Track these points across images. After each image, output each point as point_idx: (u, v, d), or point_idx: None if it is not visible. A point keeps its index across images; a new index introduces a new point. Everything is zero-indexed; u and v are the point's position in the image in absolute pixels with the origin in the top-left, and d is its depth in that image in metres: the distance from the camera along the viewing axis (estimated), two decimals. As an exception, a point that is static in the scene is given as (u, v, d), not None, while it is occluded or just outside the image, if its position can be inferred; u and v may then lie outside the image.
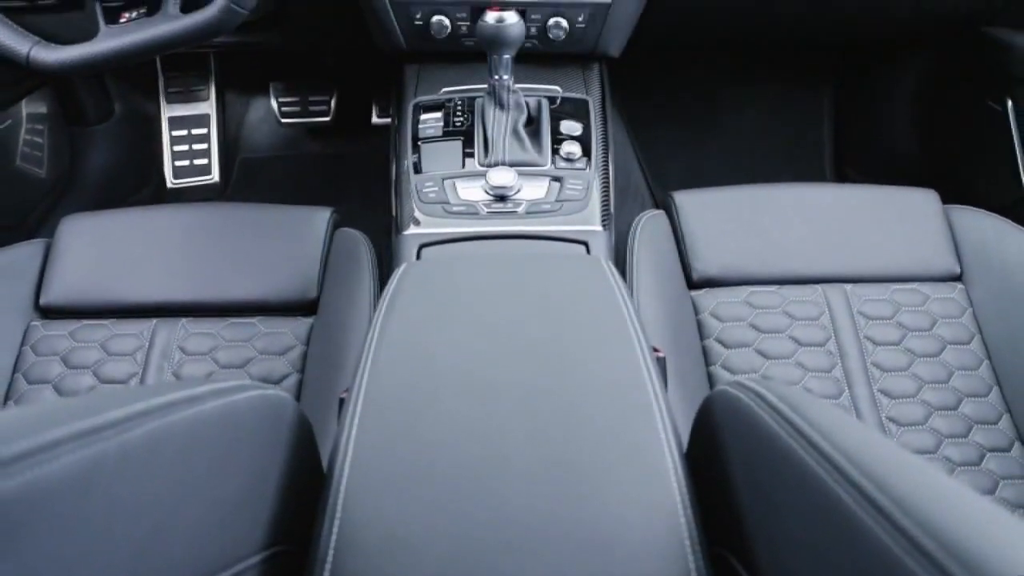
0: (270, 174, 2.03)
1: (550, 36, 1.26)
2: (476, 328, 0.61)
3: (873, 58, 1.86)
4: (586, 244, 1.08)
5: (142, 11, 1.00)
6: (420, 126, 1.23)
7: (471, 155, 1.18)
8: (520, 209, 1.11)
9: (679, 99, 2.00)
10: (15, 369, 1.04)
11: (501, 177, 1.10)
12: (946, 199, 1.20)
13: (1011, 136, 1.44)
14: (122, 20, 1.00)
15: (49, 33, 1.08)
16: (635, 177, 1.86)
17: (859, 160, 1.94)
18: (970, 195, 1.52)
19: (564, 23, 1.25)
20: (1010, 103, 1.44)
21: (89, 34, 1.10)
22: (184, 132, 1.97)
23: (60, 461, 0.35)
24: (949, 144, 1.68)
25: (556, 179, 1.14)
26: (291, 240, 1.14)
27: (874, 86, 1.88)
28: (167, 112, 1.97)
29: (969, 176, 1.61)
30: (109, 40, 0.98)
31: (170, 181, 1.97)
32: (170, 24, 0.96)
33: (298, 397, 1.01)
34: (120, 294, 1.10)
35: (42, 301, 1.10)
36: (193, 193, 1.97)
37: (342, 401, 0.58)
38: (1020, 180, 1.43)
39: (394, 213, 1.18)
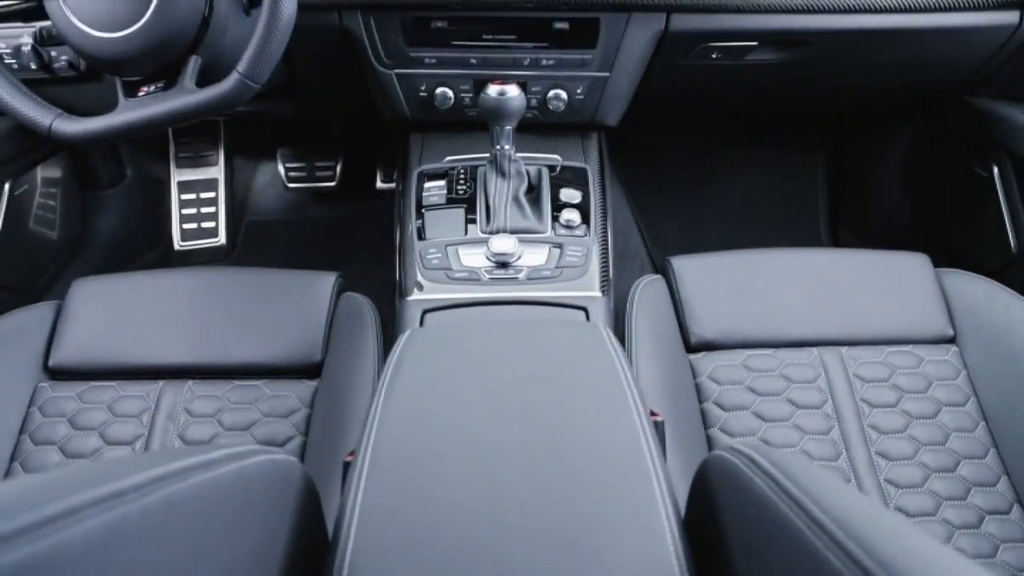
0: (276, 237, 2.07)
1: (550, 107, 1.31)
2: (479, 395, 0.63)
3: (864, 125, 1.91)
4: (586, 310, 1.11)
5: (160, 85, 1.03)
6: (424, 193, 1.27)
7: (473, 221, 1.22)
8: (521, 275, 1.14)
9: (677, 164, 2.05)
10: (22, 430, 1.05)
11: (502, 244, 1.13)
12: (938, 262, 1.22)
13: (998, 201, 1.48)
14: (140, 93, 1.03)
15: (68, 103, 1.13)
16: (634, 241, 1.90)
17: (854, 224, 1.98)
18: (962, 258, 1.55)
19: (563, 95, 1.30)
20: (995, 169, 1.48)
21: (106, 104, 1.14)
22: (193, 196, 2.01)
23: (84, 525, 0.36)
24: (940, 208, 1.72)
25: (556, 246, 1.18)
26: (297, 304, 1.16)
27: (866, 152, 1.94)
28: (177, 176, 2.02)
29: (960, 239, 1.65)
30: (128, 112, 1.01)
31: (177, 243, 2.00)
32: (186, 98, 1.00)
33: (301, 459, 1.02)
34: (128, 356, 1.12)
35: (51, 362, 1.11)
36: (200, 255, 2.01)
37: (346, 465, 0.60)
38: (1009, 244, 1.46)
39: (398, 278, 1.20)
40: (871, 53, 1.37)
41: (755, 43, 1.30)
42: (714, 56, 1.32)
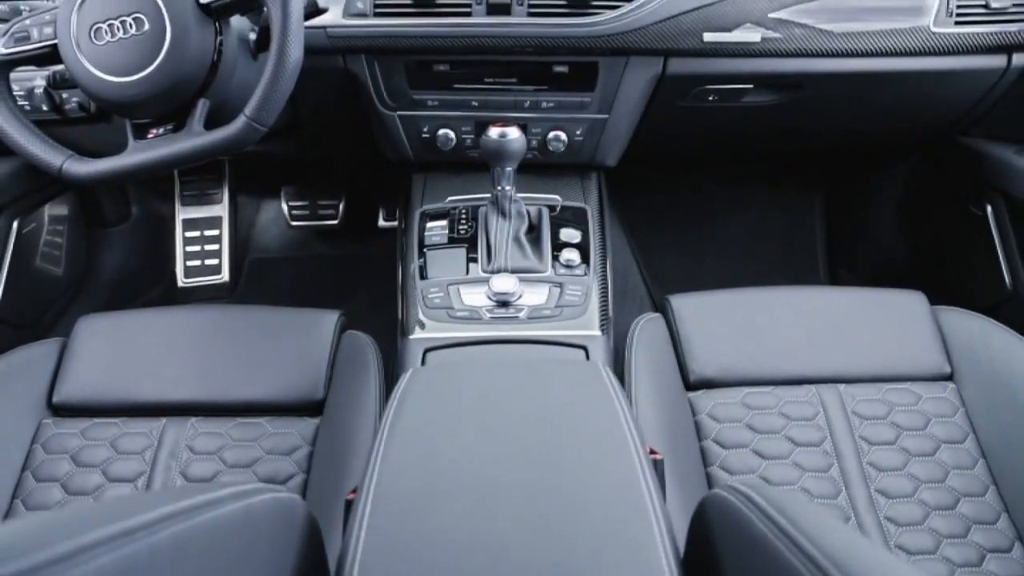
0: (278, 274, 2.09)
1: (550, 148, 1.34)
2: (480, 435, 0.64)
3: (860, 163, 1.94)
4: (585, 348, 1.12)
5: (169, 127, 1.06)
6: (426, 233, 1.30)
7: (475, 260, 1.24)
8: (522, 315, 1.15)
9: (676, 202, 2.08)
10: (24, 467, 1.06)
11: (503, 284, 1.15)
12: (935, 299, 1.23)
13: (993, 240, 1.50)
14: (150, 135, 1.05)
15: (77, 143, 1.15)
16: (633, 279, 1.92)
17: (851, 261, 2.00)
18: (958, 295, 1.57)
19: (563, 136, 1.33)
20: (989, 208, 1.50)
21: (114, 144, 1.16)
22: (197, 233, 2.04)
23: (95, 563, 0.37)
24: (936, 246, 1.74)
25: (556, 285, 1.19)
26: (299, 342, 1.17)
27: (862, 189, 1.96)
28: (181, 214, 2.05)
29: (957, 277, 1.66)
30: (138, 154, 1.03)
31: (181, 280, 2.02)
32: (194, 140, 1.02)
33: (303, 497, 1.02)
34: (131, 393, 1.13)
35: (55, 399, 1.12)
36: (203, 292, 2.02)
37: (348, 503, 0.61)
38: (1004, 282, 1.48)
39: (400, 317, 1.22)
40: (863, 95, 1.40)
41: (750, 86, 1.33)
42: (710, 98, 1.35)
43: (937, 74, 1.34)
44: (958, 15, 1.28)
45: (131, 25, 0.98)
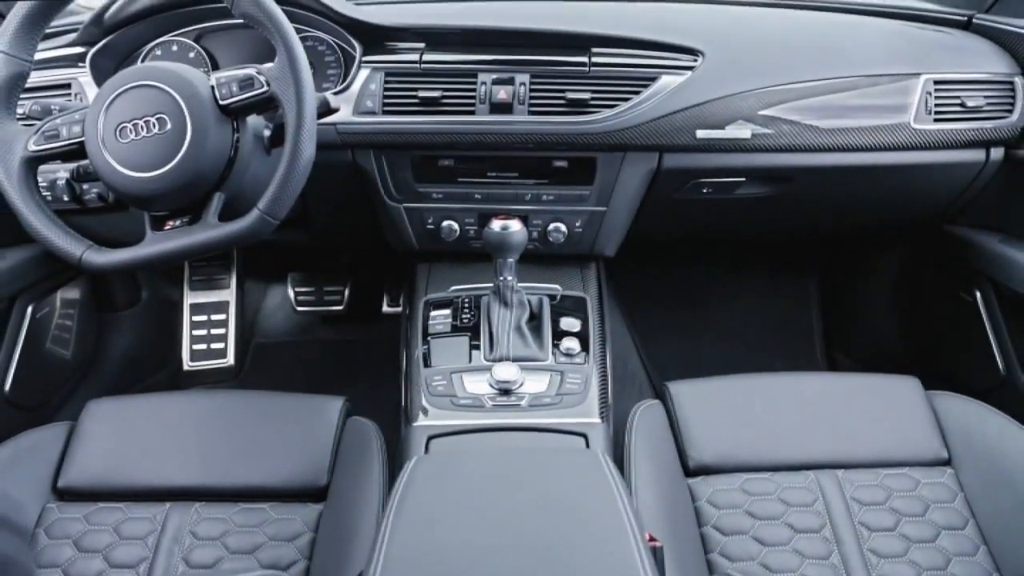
0: (283, 359, 2.11)
1: (550, 239, 1.39)
2: (482, 524, 0.65)
3: (852, 249, 1.99)
4: (585, 436, 1.14)
5: (185, 220, 1.09)
6: (430, 321, 1.33)
7: (477, 348, 1.27)
8: (523, 402, 1.17)
9: (673, 288, 2.12)
10: None
11: (505, 372, 1.18)
12: (931, 383, 1.25)
13: (984, 325, 1.53)
14: (167, 227, 1.09)
15: (94, 230, 1.19)
16: (633, 364, 1.94)
17: (847, 345, 2.02)
18: (954, 379, 1.59)
19: (563, 228, 1.38)
20: (978, 294, 1.54)
21: (129, 232, 1.20)
22: (204, 317, 2.07)
23: None
24: (930, 331, 1.77)
25: (557, 373, 1.22)
26: (303, 428, 1.19)
27: (856, 275, 2.00)
28: (189, 299, 2.08)
29: (951, 361, 1.69)
30: (155, 245, 1.07)
31: (187, 363, 2.04)
32: (210, 232, 1.05)
33: None
34: (136, 478, 1.13)
35: (60, 483, 1.13)
36: (208, 375, 2.04)
37: None
38: (997, 367, 1.50)
39: (404, 403, 1.24)
40: (851, 187, 1.45)
41: (742, 179, 1.39)
42: (705, 191, 1.41)
43: (920, 167, 1.40)
44: (936, 113, 1.35)
45: (154, 124, 1.03)
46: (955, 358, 1.67)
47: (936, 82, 1.35)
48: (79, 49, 1.38)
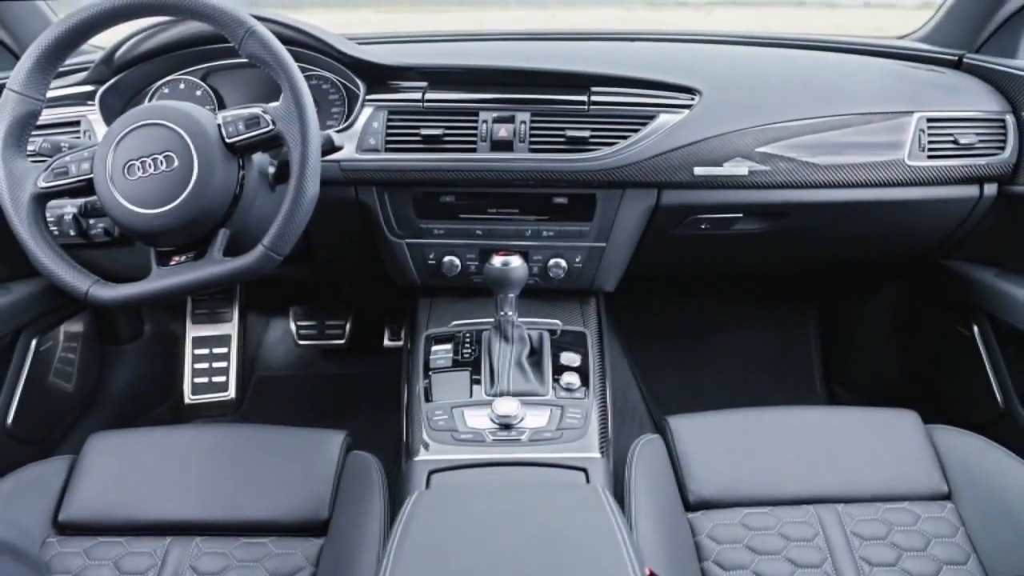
0: (284, 392, 2.12)
1: (551, 274, 1.40)
2: (483, 559, 0.66)
3: (850, 283, 2.00)
4: (585, 471, 1.14)
5: (190, 255, 1.11)
6: (431, 356, 1.34)
7: (478, 383, 1.28)
8: (524, 437, 1.18)
9: (673, 321, 2.13)
10: None
11: (506, 407, 1.19)
12: (930, 416, 1.26)
13: (982, 359, 1.54)
14: (173, 262, 1.10)
15: (99, 264, 1.20)
16: (633, 398, 1.94)
17: (847, 377, 2.03)
18: (953, 412, 1.59)
19: (563, 263, 1.40)
20: (976, 328, 1.55)
21: (133, 266, 1.21)
22: (206, 351, 2.08)
23: None
24: (928, 364, 1.78)
25: (557, 407, 1.23)
26: (305, 462, 1.19)
27: (854, 308, 2.02)
28: (192, 332, 2.09)
29: (950, 394, 1.69)
30: (160, 280, 1.08)
31: (188, 397, 2.05)
32: (215, 268, 1.07)
33: None
34: (137, 512, 1.13)
35: (61, 517, 1.13)
36: (209, 409, 2.05)
37: None
38: (996, 400, 1.51)
39: (405, 438, 1.25)
40: (847, 222, 1.47)
41: (740, 214, 1.41)
42: (703, 226, 1.42)
43: (915, 203, 1.42)
44: (930, 150, 1.37)
45: (162, 162, 1.05)
46: (954, 392, 1.68)
47: (929, 120, 1.38)
48: (89, 87, 1.41)
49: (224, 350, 2.08)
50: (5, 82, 1.09)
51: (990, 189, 1.43)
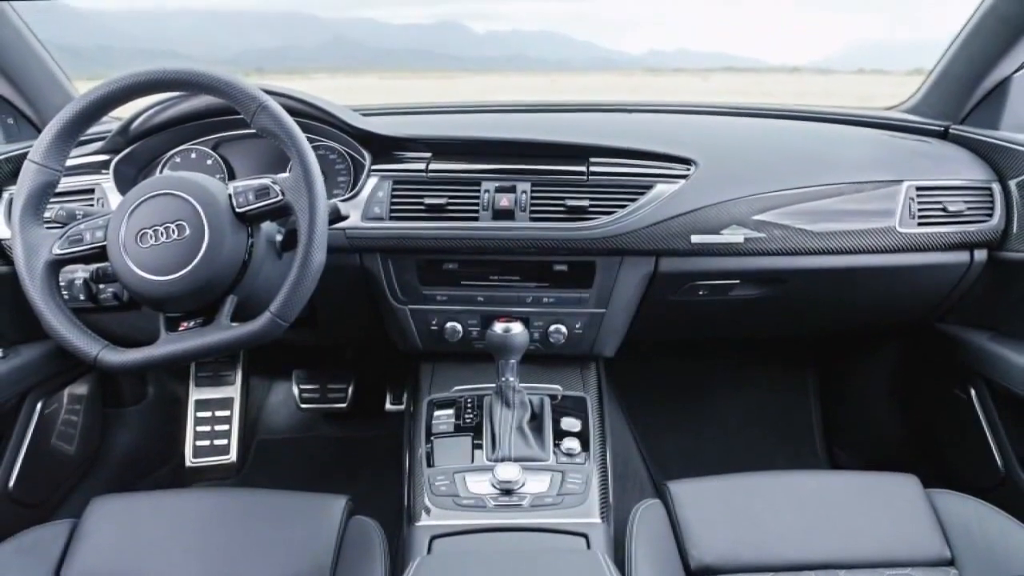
0: (286, 456, 2.11)
1: (551, 340, 1.42)
2: None
3: (849, 346, 2.02)
4: (586, 537, 1.14)
5: (198, 321, 1.13)
6: (433, 421, 1.35)
7: (479, 447, 1.29)
8: (525, 502, 1.18)
9: (673, 385, 2.14)
10: None
11: (507, 472, 1.19)
12: (931, 480, 1.26)
13: (981, 423, 1.54)
14: (181, 328, 1.12)
15: (106, 328, 1.22)
16: (634, 462, 1.94)
17: (847, 440, 2.03)
18: (954, 476, 1.59)
19: (564, 329, 1.42)
20: (973, 392, 1.56)
21: (139, 329, 1.23)
22: (208, 414, 2.08)
23: None
24: (928, 427, 1.78)
25: (558, 473, 1.24)
26: (306, 527, 1.19)
27: (852, 371, 2.03)
28: (195, 395, 2.10)
29: (951, 458, 1.69)
30: (168, 345, 1.10)
31: (189, 459, 2.04)
32: (222, 334, 1.08)
33: None
34: None
35: None
36: (210, 472, 2.04)
37: None
38: (996, 464, 1.51)
39: (406, 503, 1.25)
40: (842, 288, 1.50)
41: (737, 281, 1.44)
42: (701, 293, 1.45)
43: (908, 268, 1.45)
44: (920, 217, 1.41)
45: (174, 231, 1.08)
46: (954, 456, 1.68)
47: (918, 188, 1.42)
48: (104, 157, 1.45)
49: (226, 413, 2.08)
50: (26, 152, 1.13)
51: (980, 255, 1.47)
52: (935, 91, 1.67)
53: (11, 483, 1.50)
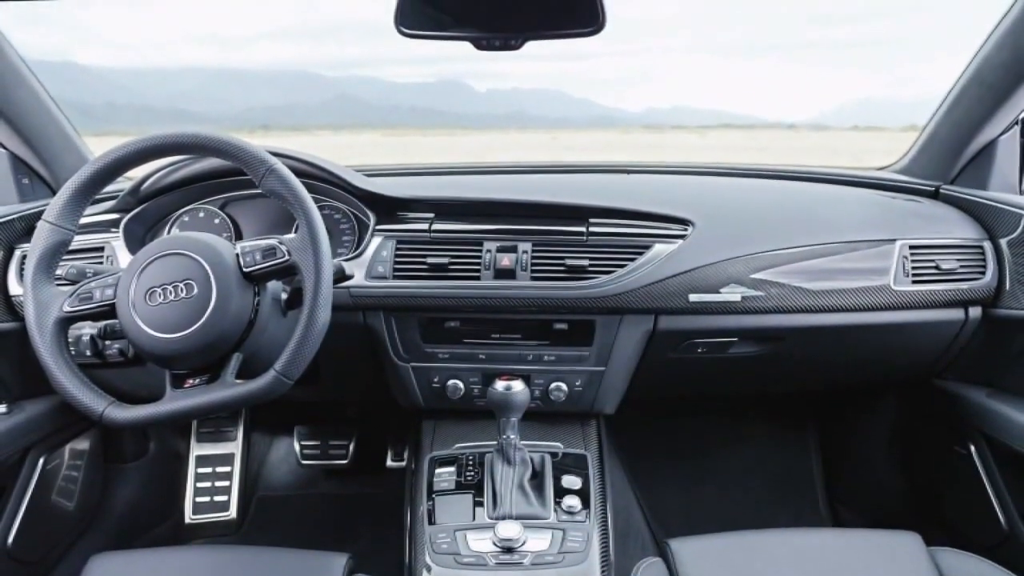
0: (286, 512, 2.10)
1: (552, 398, 1.44)
2: None
3: (849, 401, 2.02)
4: None
5: (204, 378, 1.13)
6: (435, 478, 1.35)
7: (481, 505, 1.29)
8: (526, 560, 1.18)
9: (674, 441, 2.14)
10: None
11: (508, 530, 1.19)
12: (934, 537, 1.25)
13: (982, 480, 1.54)
14: (187, 385, 1.13)
15: (110, 383, 1.23)
16: (635, 519, 1.93)
17: (849, 497, 2.02)
18: (956, 534, 1.58)
19: (564, 387, 1.43)
20: (973, 448, 1.56)
21: (143, 385, 1.23)
22: (209, 470, 2.08)
23: None
24: (930, 484, 1.77)
25: (559, 531, 1.24)
26: None
27: (853, 427, 2.03)
28: (196, 451, 2.10)
29: (953, 515, 1.68)
30: (174, 402, 1.11)
31: (189, 516, 2.03)
32: (227, 391, 1.09)
33: None
34: None
35: None
36: (210, 528, 2.03)
37: None
38: (999, 521, 1.50)
39: (408, 560, 1.25)
40: (839, 345, 1.52)
41: (736, 339, 1.46)
42: (700, 350, 1.47)
43: (904, 326, 1.47)
44: (914, 275, 1.44)
45: (182, 289, 1.10)
46: (956, 512, 1.67)
47: (911, 247, 1.45)
48: (114, 215, 1.49)
49: (227, 469, 2.08)
50: (39, 210, 1.15)
51: (975, 312, 1.49)
52: (925, 152, 1.71)
53: (10, 540, 1.49)
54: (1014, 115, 1.52)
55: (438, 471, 1.37)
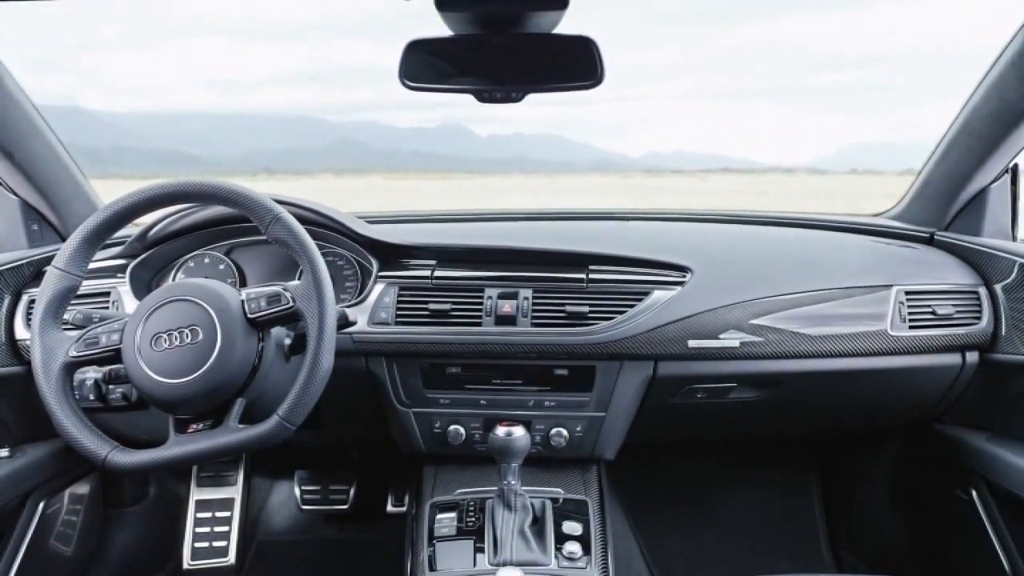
0: (286, 558, 2.08)
1: (552, 443, 1.44)
2: None
3: (850, 445, 2.02)
4: None
5: (207, 423, 1.15)
6: (436, 524, 1.35)
7: (482, 551, 1.28)
8: None
9: (675, 486, 2.13)
10: None
11: None
12: None
13: (984, 525, 1.53)
14: (190, 430, 1.14)
15: (112, 427, 1.24)
16: (636, 565, 1.92)
17: (852, 542, 2.00)
18: (963, 581, 1.57)
19: (564, 432, 1.44)
20: (974, 493, 1.56)
21: (145, 429, 1.24)
22: (209, 514, 2.06)
23: None
24: (931, 528, 1.76)
25: None
26: None
27: (855, 471, 2.02)
28: (196, 495, 2.08)
29: (957, 560, 1.67)
30: (177, 447, 1.12)
31: (187, 562, 2.01)
32: (230, 436, 1.10)
33: None
34: None
35: None
36: (208, 575, 2.01)
37: None
38: (1003, 566, 1.49)
39: None
40: (838, 389, 1.53)
41: (735, 384, 1.47)
42: (699, 396, 1.48)
43: (901, 371, 1.48)
44: (911, 321, 1.46)
45: (188, 335, 1.11)
46: (959, 557, 1.66)
47: (907, 293, 1.47)
48: (121, 261, 1.51)
49: (227, 514, 2.06)
50: (48, 256, 1.17)
51: (972, 357, 1.50)
52: (919, 199, 1.74)
53: None
54: (1004, 163, 1.56)
55: (439, 517, 1.37)
